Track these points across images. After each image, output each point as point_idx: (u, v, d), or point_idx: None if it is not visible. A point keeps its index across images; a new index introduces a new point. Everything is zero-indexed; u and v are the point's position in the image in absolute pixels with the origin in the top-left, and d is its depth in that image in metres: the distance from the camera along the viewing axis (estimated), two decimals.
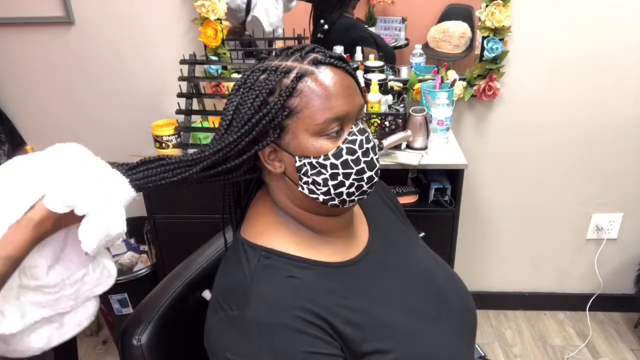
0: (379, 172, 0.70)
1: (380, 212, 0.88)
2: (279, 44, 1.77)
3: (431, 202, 1.61)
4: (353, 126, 0.68)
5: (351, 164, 0.67)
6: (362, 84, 1.64)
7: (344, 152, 0.67)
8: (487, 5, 1.62)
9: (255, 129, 0.66)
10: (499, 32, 1.66)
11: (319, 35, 1.82)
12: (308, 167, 0.67)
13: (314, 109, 0.65)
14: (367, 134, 0.69)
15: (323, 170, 0.67)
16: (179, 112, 1.60)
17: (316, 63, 0.67)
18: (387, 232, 0.84)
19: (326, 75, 0.66)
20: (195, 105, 1.65)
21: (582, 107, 1.78)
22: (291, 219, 0.74)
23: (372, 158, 0.68)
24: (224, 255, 0.78)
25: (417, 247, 0.88)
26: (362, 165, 0.68)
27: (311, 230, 0.74)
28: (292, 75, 0.65)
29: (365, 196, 0.71)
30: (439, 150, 1.59)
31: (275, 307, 0.64)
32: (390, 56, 1.88)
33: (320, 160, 0.66)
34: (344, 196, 0.69)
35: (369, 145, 0.68)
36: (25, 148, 1.94)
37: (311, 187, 0.68)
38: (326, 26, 1.83)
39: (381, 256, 0.79)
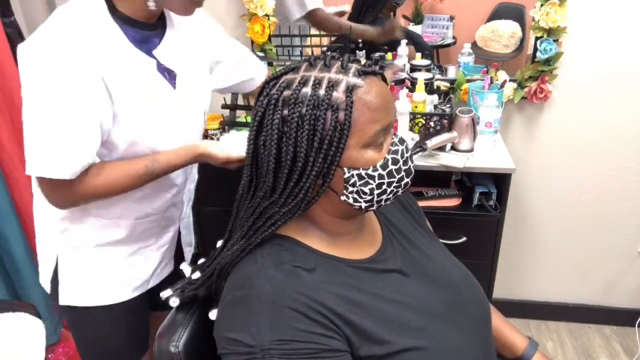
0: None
1: (393, 212, 0.88)
2: (324, 41, 1.76)
3: (475, 206, 1.57)
4: (393, 136, 0.70)
5: (394, 173, 0.69)
6: (408, 83, 1.63)
7: (389, 162, 0.69)
8: (542, 5, 1.56)
9: (338, 150, 0.65)
10: (553, 33, 1.60)
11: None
12: (356, 178, 0.68)
13: (366, 122, 0.65)
14: (405, 143, 0.72)
15: (370, 181, 0.68)
16: (224, 106, 1.62)
17: (360, 74, 0.66)
18: (401, 231, 0.85)
19: (372, 86, 0.66)
20: (240, 101, 1.67)
21: (639, 113, 1.69)
22: (310, 224, 0.75)
23: (409, 166, 0.72)
24: None
25: (432, 245, 0.87)
26: (403, 173, 0.71)
27: (328, 233, 0.75)
28: (342, 88, 0.65)
29: (395, 199, 0.74)
30: (485, 153, 1.54)
31: (279, 289, 0.65)
32: (429, 54, 1.84)
33: (369, 171, 0.68)
34: (382, 202, 0.72)
35: (408, 155, 0.71)
36: None
37: (355, 196, 0.69)
38: None
39: (394, 256, 0.79)
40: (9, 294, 1.66)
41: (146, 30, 0.95)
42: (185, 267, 0.85)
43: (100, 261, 1.05)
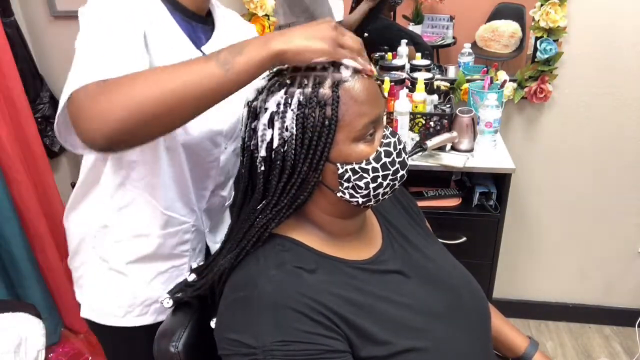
0: (408, 169, 0.74)
1: (393, 213, 0.88)
2: None
3: (475, 207, 1.57)
4: (385, 129, 0.71)
5: (388, 165, 0.70)
6: (408, 83, 1.63)
7: (382, 155, 0.69)
8: (542, 5, 1.56)
9: (327, 145, 0.66)
10: (553, 33, 1.60)
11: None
12: (350, 173, 0.68)
13: (353, 116, 0.66)
14: (397, 135, 0.72)
15: (365, 175, 0.68)
16: None
17: (346, 70, 0.67)
18: (400, 232, 0.85)
19: (358, 80, 0.67)
20: None
21: (639, 113, 1.69)
22: (310, 224, 0.75)
23: (403, 158, 0.72)
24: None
25: (432, 246, 0.87)
26: (397, 165, 0.71)
27: (328, 233, 0.75)
28: (327, 84, 0.66)
29: (393, 193, 0.74)
30: (485, 153, 1.54)
31: (281, 290, 0.66)
32: (429, 54, 1.85)
33: (363, 165, 0.68)
34: (380, 196, 0.71)
35: (401, 147, 0.72)
36: None
37: (351, 191, 0.70)
38: (366, 34, 1.84)
39: (394, 257, 0.79)
40: (9, 294, 1.66)
41: (195, 21, 0.87)
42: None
43: (125, 278, 0.94)
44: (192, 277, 0.81)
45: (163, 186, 0.88)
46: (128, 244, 0.91)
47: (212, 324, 0.75)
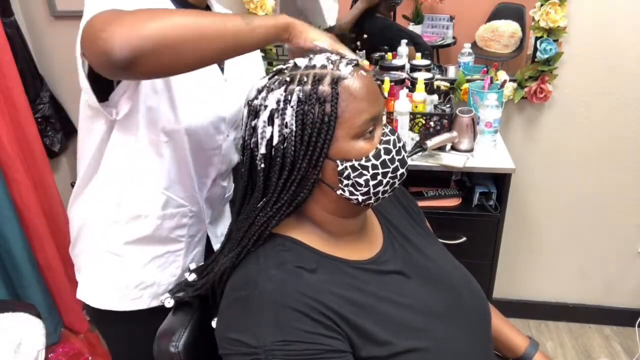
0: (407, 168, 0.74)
1: (393, 213, 0.88)
2: None
3: (475, 207, 1.57)
4: (384, 127, 0.71)
5: (388, 163, 0.70)
6: (408, 83, 1.63)
7: (382, 152, 0.69)
8: (542, 5, 1.56)
9: (326, 141, 0.66)
10: (553, 33, 1.60)
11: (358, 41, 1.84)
12: (350, 170, 0.68)
13: (353, 112, 0.66)
14: (397, 133, 0.72)
15: (364, 172, 0.68)
16: None
17: (345, 67, 0.68)
18: (401, 232, 0.85)
19: (357, 77, 0.67)
20: None
21: (639, 113, 1.70)
22: (311, 224, 0.75)
23: (403, 156, 0.72)
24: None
25: (432, 246, 0.88)
26: (397, 163, 0.71)
27: (329, 233, 0.75)
28: (327, 81, 0.66)
29: (393, 193, 0.74)
30: (485, 153, 1.54)
31: (282, 289, 0.66)
32: (428, 54, 1.85)
33: (362, 162, 0.68)
34: (380, 194, 0.71)
35: (400, 144, 0.72)
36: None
37: (351, 189, 0.70)
38: (365, 35, 1.85)
39: (395, 257, 0.79)
40: (9, 294, 1.66)
41: None
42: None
43: (121, 260, 0.95)
44: (192, 277, 0.81)
45: (165, 167, 0.91)
46: (127, 225, 0.93)
47: (214, 323, 0.75)
